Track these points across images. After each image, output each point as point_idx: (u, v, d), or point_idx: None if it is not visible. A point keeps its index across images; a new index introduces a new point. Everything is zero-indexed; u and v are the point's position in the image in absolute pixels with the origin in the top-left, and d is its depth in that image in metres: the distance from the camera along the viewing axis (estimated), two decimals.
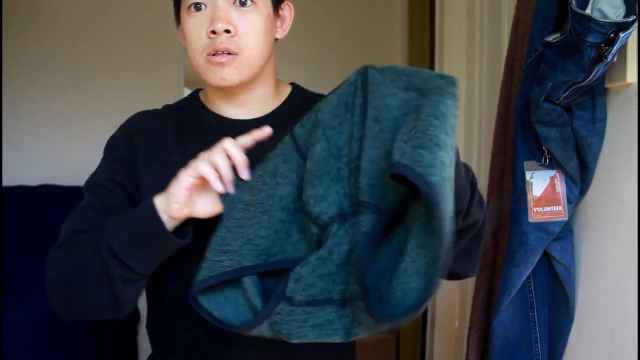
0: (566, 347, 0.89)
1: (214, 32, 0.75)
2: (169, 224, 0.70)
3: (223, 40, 0.75)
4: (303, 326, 0.63)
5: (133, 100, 2.84)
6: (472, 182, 0.70)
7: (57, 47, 3.01)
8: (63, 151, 2.97)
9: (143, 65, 2.94)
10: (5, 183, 2.84)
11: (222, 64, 0.76)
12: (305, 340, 0.64)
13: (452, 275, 0.76)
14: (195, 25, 0.76)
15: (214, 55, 0.76)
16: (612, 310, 0.79)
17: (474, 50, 1.70)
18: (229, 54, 0.76)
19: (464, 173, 0.64)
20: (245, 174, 0.68)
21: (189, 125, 0.85)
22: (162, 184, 0.74)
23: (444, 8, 1.88)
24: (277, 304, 0.63)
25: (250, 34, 0.77)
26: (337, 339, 0.64)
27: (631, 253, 0.75)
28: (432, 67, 2.12)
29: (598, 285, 0.83)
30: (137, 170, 0.82)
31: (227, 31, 0.75)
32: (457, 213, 0.62)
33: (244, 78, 0.79)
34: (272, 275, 0.69)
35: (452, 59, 1.86)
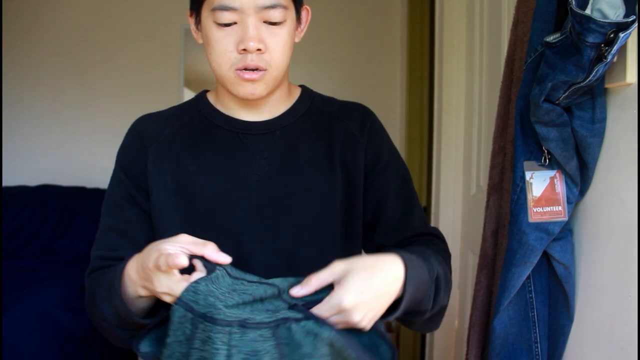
0: (566, 347, 0.89)
1: (245, 49, 0.74)
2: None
3: (254, 58, 0.75)
4: None
5: (133, 101, 2.87)
6: (438, 280, 0.76)
7: (57, 48, 3.01)
8: (63, 151, 2.97)
9: (143, 65, 2.94)
10: (5, 183, 2.84)
11: (252, 81, 0.76)
12: None
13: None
14: (224, 38, 0.75)
15: (243, 70, 0.76)
16: (612, 310, 0.79)
17: (474, 50, 1.70)
18: (258, 69, 0.76)
19: (429, 278, 0.73)
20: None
21: (199, 126, 0.85)
22: (171, 187, 0.76)
23: (444, 8, 1.88)
24: None
25: (279, 50, 0.77)
26: None
27: (631, 253, 0.75)
28: (432, 67, 2.12)
29: (598, 285, 0.83)
30: (146, 174, 0.82)
31: (258, 49, 0.75)
32: (423, 311, 0.74)
33: (271, 90, 0.80)
34: None
35: (452, 59, 1.86)
